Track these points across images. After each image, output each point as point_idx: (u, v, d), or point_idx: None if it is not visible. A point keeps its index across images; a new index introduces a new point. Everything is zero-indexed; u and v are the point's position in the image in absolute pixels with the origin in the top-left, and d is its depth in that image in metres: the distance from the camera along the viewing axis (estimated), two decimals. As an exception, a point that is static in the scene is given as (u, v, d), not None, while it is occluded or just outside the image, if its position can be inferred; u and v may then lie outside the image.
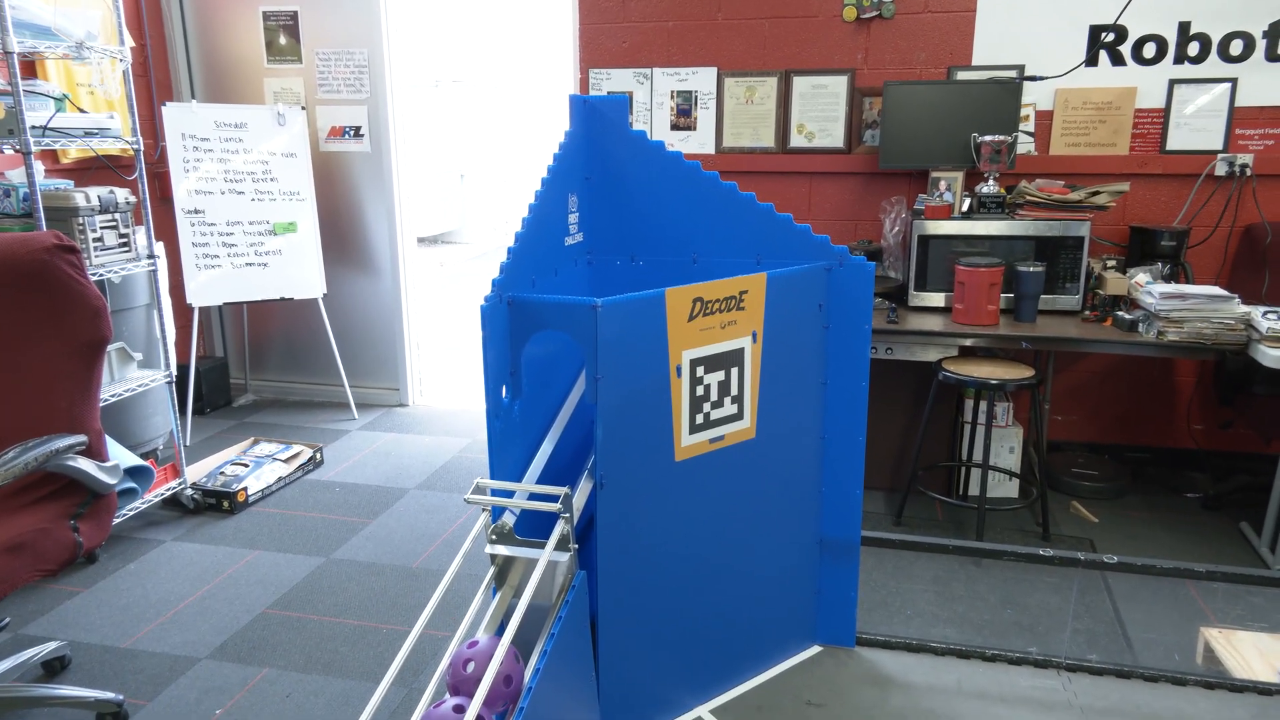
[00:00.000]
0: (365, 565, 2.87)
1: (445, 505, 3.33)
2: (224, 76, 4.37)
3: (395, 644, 2.42)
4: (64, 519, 1.90)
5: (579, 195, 2.29)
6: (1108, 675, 2.25)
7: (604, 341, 1.75)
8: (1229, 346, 2.80)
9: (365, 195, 4.37)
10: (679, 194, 2.29)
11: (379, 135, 4.25)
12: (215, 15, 4.29)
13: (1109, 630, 2.46)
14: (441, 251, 9.84)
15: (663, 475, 1.94)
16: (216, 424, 4.25)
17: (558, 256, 2.18)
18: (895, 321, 3.00)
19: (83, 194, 2.90)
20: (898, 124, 3.35)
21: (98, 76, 3.80)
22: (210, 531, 3.11)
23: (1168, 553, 2.91)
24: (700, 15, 3.60)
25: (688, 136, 3.72)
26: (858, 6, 3.44)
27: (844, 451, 2.27)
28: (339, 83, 4.24)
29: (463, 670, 1.51)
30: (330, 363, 4.31)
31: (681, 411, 1.93)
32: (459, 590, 2.62)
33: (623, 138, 2.28)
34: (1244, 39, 3.25)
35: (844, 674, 2.27)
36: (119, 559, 2.90)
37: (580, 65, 3.77)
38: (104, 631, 2.49)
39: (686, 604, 2.07)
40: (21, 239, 1.95)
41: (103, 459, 1.98)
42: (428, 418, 4.36)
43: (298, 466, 3.59)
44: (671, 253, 2.34)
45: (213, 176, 3.94)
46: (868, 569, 2.80)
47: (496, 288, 1.79)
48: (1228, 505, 3.26)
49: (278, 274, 4.10)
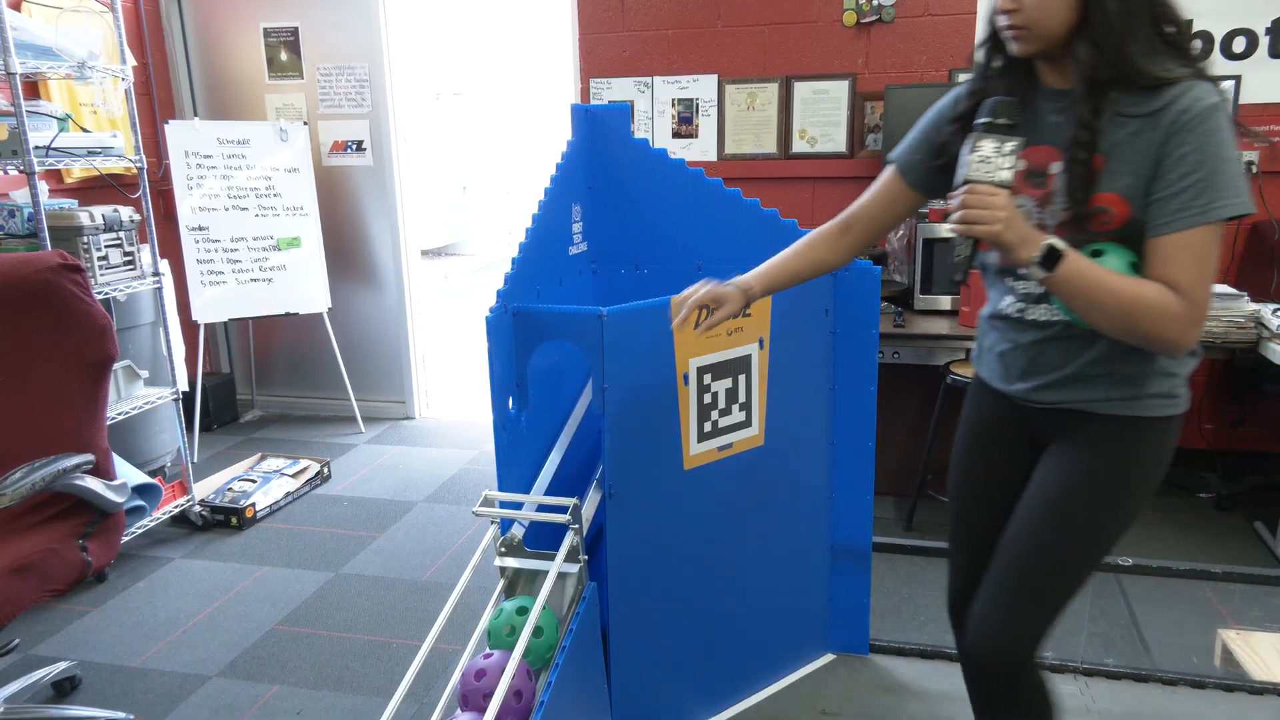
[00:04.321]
0: (374, 579, 2.85)
1: (453, 518, 3.32)
2: (226, 93, 4.38)
3: (405, 659, 2.40)
4: (72, 538, 1.90)
5: (582, 205, 2.28)
6: (1125, 679, 2.23)
7: (610, 350, 1.74)
8: (1238, 344, 2.79)
9: (368, 209, 4.37)
10: (682, 202, 2.28)
11: (381, 149, 4.26)
12: (216, 32, 4.30)
13: (1125, 634, 2.43)
14: (445, 264, 9.86)
15: (671, 484, 1.93)
16: (223, 440, 4.25)
17: (562, 266, 2.17)
18: (902, 325, 2.99)
19: (87, 213, 2.91)
20: (900, 127, 3.33)
21: (100, 96, 3.81)
22: (219, 548, 3.10)
23: (1181, 554, 2.88)
24: (700, 23, 3.60)
25: (690, 144, 3.72)
26: (858, 11, 3.44)
27: (854, 457, 2.25)
28: (340, 97, 4.25)
29: (474, 684, 1.49)
30: (336, 377, 4.30)
31: (689, 420, 1.92)
32: (469, 604, 2.61)
33: (625, 146, 2.27)
34: (1247, 36, 3.24)
35: (858, 682, 2.25)
36: (128, 577, 2.90)
37: (581, 75, 3.78)
38: (114, 651, 2.48)
39: (698, 614, 2.05)
40: (27, 259, 1.95)
41: (110, 477, 1.97)
42: (434, 430, 4.36)
43: (305, 481, 3.58)
44: (676, 260, 2.33)
45: (216, 193, 3.95)
46: (879, 575, 2.77)
47: (501, 298, 1.78)
48: (1241, 505, 3.23)
49: (282, 289, 4.11)
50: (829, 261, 1.57)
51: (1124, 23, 1.19)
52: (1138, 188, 1.22)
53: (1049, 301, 1.33)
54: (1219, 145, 1.17)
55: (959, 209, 1.22)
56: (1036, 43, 1.25)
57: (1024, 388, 1.40)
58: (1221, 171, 1.17)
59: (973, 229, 1.21)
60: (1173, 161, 1.19)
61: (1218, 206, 1.17)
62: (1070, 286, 1.21)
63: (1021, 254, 1.21)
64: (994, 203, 1.20)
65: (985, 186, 1.20)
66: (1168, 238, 1.20)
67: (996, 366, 1.46)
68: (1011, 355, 1.42)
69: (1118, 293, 1.19)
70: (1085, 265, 1.20)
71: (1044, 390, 1.38)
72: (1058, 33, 1.23)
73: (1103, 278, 1.20)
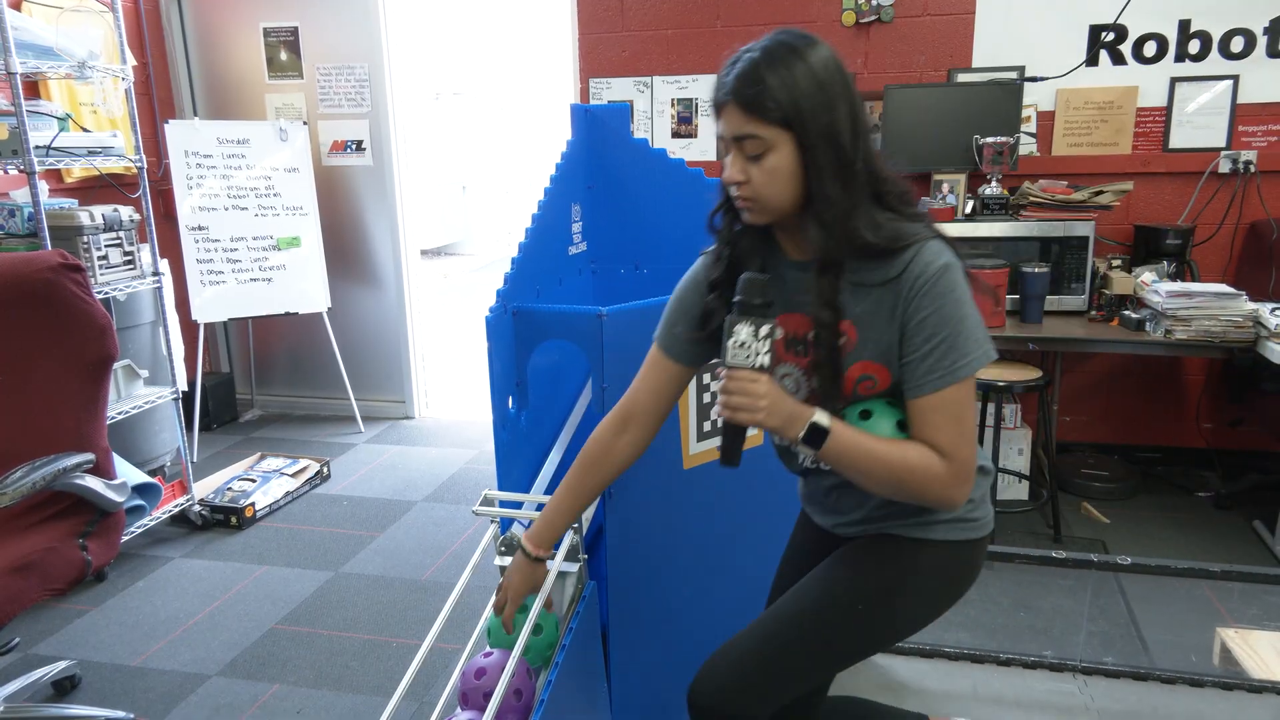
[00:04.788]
0: (374, 579, 2.86)
1: (453, 517, 3.33)
2: (226, 93, 4.38)
3: (405, 658, 2.41)
4: (72, 538, 1.90)
5: (582, 204, 2.28)
6: (1124, 678, 2.23)
7: (610, 350, 1.75)
8: (1237, 344, 2.79)
9: (368, 208, 4.37)
10: (682, 201, 2.28)
11: (381, 149, 4.26)
12: (216, 32, 4.31)
13: (1124, 632, 2.44)
14: (445, 263, 9.86)
15: (671, 483, 1.93)
16: (223, 440, 4.25)
17: (562, 266, 2.17)
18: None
19: (87, 213, 2.91)
20: (899, 127, 3.35)
21: (100, 95, 3.81)
22: (218, 547, 3.10)
23: (1180, 553, 2.89)
24: (699, 23, 3.61)
25: (689, 144, 3.73)
26: (857, 11, 3.44)
27: (853, 456, 2.25)
28: (340, 97, 4.25)
29: (474, 683, 1.50)
30: (336, 376, 4.31)
31: (689, 419, 1.93)
32: (468, 603, 2.61)
33: (624, 146, 2.28)
34: (1245, 35, 3.24)
35: (857, 681, 2.25)
36: (128, 577, 2.90)
37: (580, 75, 3.78)
38: (113, 650, 2.48)
39: (697, 612, 2.06)
40: (27, 258, 1.95)
41: (111, 477, 1.98)
42: (434, 429, 4.36)
43: (305, 481, 3.59)
44: (675, 260, 2.32)
45: (216, 193, 3.95)
46: (878, 574, 2.78)
47: (501, 298, 1.78)
48: (1240, 504, 3.23)
49: (282, 289, 4.11)
50: (613, 470, 1.47)
51: (846, 201, 1.19)
52: (891, 353, 1.24)
53: None
54: (956, 304, 1.20)
55: (721, 394, 1.22)
56: (766, 215, 1.25)
57: (829, 523, 1.47)
58: (962, 331, 1.20)
59: (736, 415, 1.21)
60: (914, 326, 1.21)
61: (962, 366, 1.20)
62: (838, 460, 1.23)
63: (788, 433, 1.22)
64: (754, 389, 1.19)
65: (745, 372, 1.20)
66: (922, 400, 1.21)
67: (808, 504, 1.54)
68: (816, 498, 1.49)
69: (884, 460, 1.21)
70: (850, 437, 1.22)
71: (845, 527, 1.43)
72: (786, 208, 1.23)
73: (868, 446, 1.21)
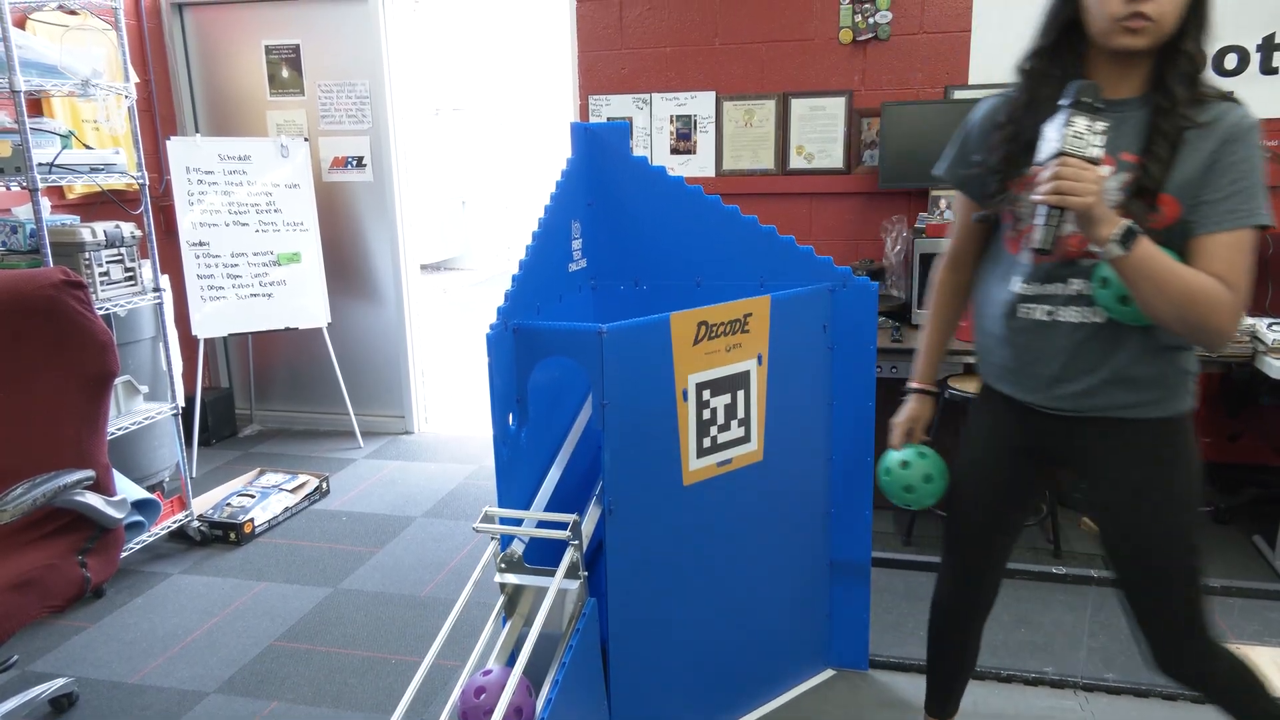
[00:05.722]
0: (373, 595, 2.85)
1: (453, 533, 3.32)
2: (227, 110, 4.41)
3: (405, 675, 2.40)
4: (72, 554, 1.90)
5: (582, 221, 2.30)
6: (1125, 694, 2.23)
7: (610, 367, 1.75)
8: (1235, 358, 2.80)
9: (368, 224, 4.39)
10: (681, 218, 2.30)
11: (381, 164, 4.28)
12: (218, 50, 4.33)
13: (1125, 649, 2.43)
14: (445, 278, 9.87)
15: (671, 500, 1.93)
16: (222, 455, 4.25)
17: (562, 283, 2.18)
18: (899, 340, 3.00)
19: (89, 229, 2.92)
20: (896, 144, 3.37)
21: (103, 113, 3.83)
22: (217, 564, 3.09)
23: (1181, 568, 2.88)
24: (698, 40, 3.63)
25: (688, 160, 3.75)
26: (853, 29, 3.47)
27: (852, 472, 2.26)
28: (341, 114, 4.27)
29: (474, 701, 1.49)
30: (335, 391, 4.31)
31: (689, 435, 1.93)
32: (469, 620, 2.60)
33: (624, 163, 2.29)
34: (1238, 53, 3.26)
35: (858, 697, 2.24)
36: (126, 593, 2.89)
37: (580, 91, 3.80)
38: (111, 667, 2.47)
39: (698, 629, 2.05)
40: (29, 275, 1.96)
41: (111, 493, 1.98)
42: (433, 445, 4.36)
43: (304, 496, 3.58)
44: (675, 277, 2.34)
45: (217, 209, 3.97)
46: (879, 590, 2.77)
47: (501, 315, 1.79)
48: (1239, 519, 3.23)
49: (282, 304, 4.12)
50: (965, 297, 1.70)
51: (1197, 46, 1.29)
52: (1188, 189, 1.29)
53: (1079, 304, 1.38)
54: (1259, 160, 1.29)
55: (1051, 179, 1.24)
56: (1152, 37, 1.29)
57: (1056, 395, 1.44)
58: (1260, 184, 1.29)
59: (1065, 199, 1.24)
60: (1224, 167, 1.27)
61: (1260, 213, 1.28)
62: (1142, 268, 1.25)
63: (1102, 231, 1.24)
64: (1086, 175, 1.23)
65: (1078, 160, 1.23)
66: (1218, 236, 1.27)
67: (1018, 377, 1.48)
68: (1038, 363, 1.44)
69: (1184, 279, 1.25)
70: (1156, 250, 1.25)
71: (1079, 397, 1.42)
72: (1169, 33, 1.29)
73: (1171, 263, 1.26)
